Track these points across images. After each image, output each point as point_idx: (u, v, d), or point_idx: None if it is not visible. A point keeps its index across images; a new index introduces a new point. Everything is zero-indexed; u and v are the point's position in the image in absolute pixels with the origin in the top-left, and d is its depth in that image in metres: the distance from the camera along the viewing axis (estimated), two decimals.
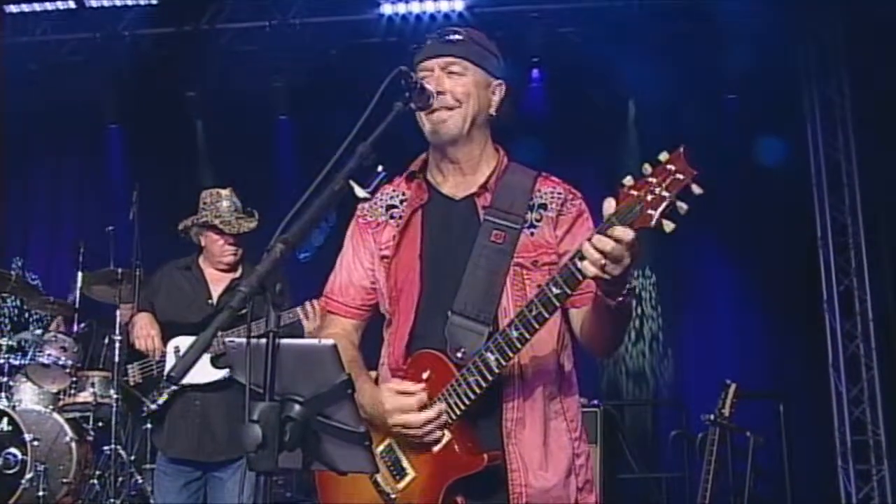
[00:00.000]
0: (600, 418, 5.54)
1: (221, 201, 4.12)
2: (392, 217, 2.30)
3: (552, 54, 7.31)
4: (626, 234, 1.83)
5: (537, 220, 2.21)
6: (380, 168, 2.00)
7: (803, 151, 7.22)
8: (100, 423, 5.53)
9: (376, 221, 2.33)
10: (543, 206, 2.22)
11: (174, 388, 3.93)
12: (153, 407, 3.97)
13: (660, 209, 1.81)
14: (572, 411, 2.23)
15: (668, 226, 1.82)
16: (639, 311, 7.44)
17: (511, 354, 2.02)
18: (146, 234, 5.23)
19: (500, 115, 2.30)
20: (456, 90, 2.18)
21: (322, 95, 7.35)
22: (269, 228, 1.75)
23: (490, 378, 2.04)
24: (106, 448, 5.20)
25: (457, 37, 2.23)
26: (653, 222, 1.81)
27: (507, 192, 2.22)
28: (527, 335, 2.00)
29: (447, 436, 2.09)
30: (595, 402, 5.77)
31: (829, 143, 7.17)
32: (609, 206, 1.88)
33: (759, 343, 7.16)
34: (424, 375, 2.12)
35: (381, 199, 2.33)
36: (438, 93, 2.16)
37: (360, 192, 1.93)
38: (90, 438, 5.51)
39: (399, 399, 2.10)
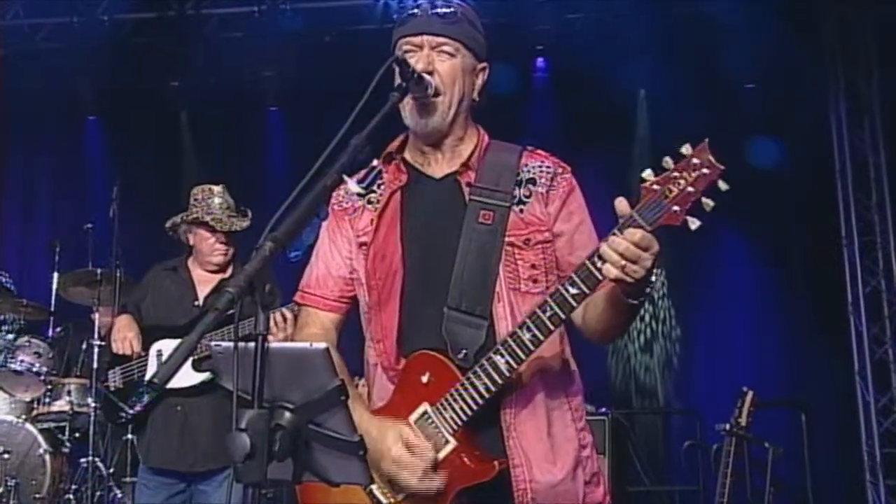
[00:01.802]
0: (609, 427, 5.55)
1: (213, 198, 4.15)
2: (370, 202, 2.27)
3: (558, 42, 7.32)
4: (645, 238, 1.84)
5: (526, 196, 2.19)
6: (375, 162, 2.03)
7: (827, 143, 7.21)
8: (76, 434, 5.54)
9: (353, 207, 2.30)
10: (532, 182, 2.20)
11: (154, 392, 3.96)
12: (132, 412, 4.00)
13: (686, 205, 1.81)
14: (577, 400, 2.23)
15: (694, 223, 1.82)
16: (650, 312, 7.45)
17: (524, 357, 2.01)
18: (127, 232, 5.25)
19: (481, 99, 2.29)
20: (444, 75, 2.16)
21: (314, 85, 7.37)
22: (259, 226, 1.76)
23: (501, 382, 2.02)
24: (83, 460, 5.20)
25: (450, 11, 2.18)
26: (679, 219, 1.82)
27: (492, 168, 2.21)
28: (541, 337, 1.99)
29: (452, 443, 2.07)
30: (603, 410, 5.78)
31: (855, 134, 7.15)
32: (622, 206, 1.88)
33: (778, 348, 7.16)
34: (424, 379, 2.10)
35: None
36: (427, 73, 2.12)
37: (354, 188, 1.95)
38: (66, 450, 5.51)
39: (405, 454, 2.05)
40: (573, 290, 1.96)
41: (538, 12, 7.16)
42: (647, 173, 1.86)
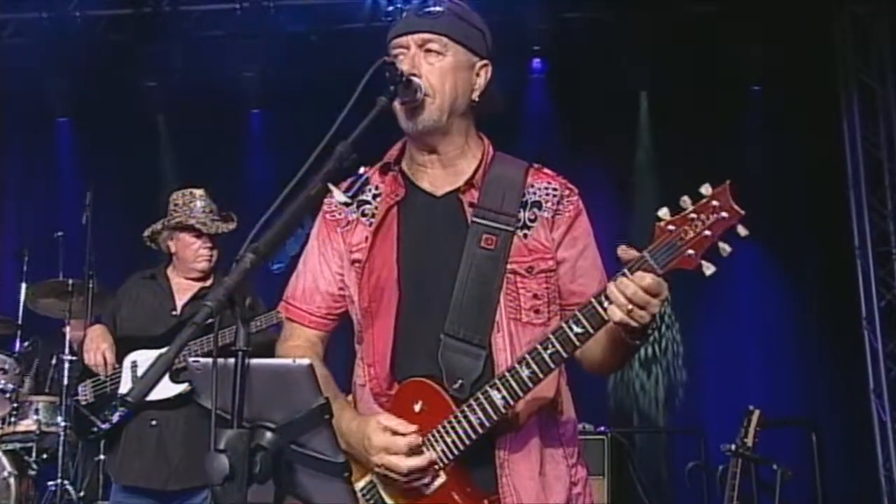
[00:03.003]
0: (608, 447, 5.57)
1: (195, 201, 4.18)
2: (364, 214, 2.25)
3: (555, 42, 7.36)
4: (655, 283, 1.86)
5: (531, 221, 2.18)
6: (361, 170, 2.04)
7: (838, 147, 7.24)
8: (44, 455, 5.51)
9: (346, 219, 2.27)
10: (538, 205, 2.19)
11: (128, 408, 3.97)
12: (104, 427, 4.00)
13: (702, 250, 1.83)
14: (569, 433, 2.23)
15: (709, 268, 1.84)
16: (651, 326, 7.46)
17: (521, 394, 2.02)
18: (100, 240, 5.24)
19: (486, 102, 2.26)
20: (431, 75, 2.13)
21: (299, 87, 7.38)
22: (241, 234, 1.77)
23: (496, 418, 2.03)
24: (51, 483, 5.18)
25: (436, 9, 2.18)
26: (694, 264, 1.83)
27: (496, 187, 2.19)
28: (540, 375, 2.00)
29: (442, 477, 2.08)
30: (602, 428, 5.79)
31: (869, 137, 7.16)
32: (627, 254, 1.90)
33: (787, 364, 7.18)
34: (416, 407, 2.10)
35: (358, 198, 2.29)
36: (412, 75, 2.10)
37: (339, 197, 1.96)
38: (33, 473, 5.48)
39: (387, 438, 2.05)
40: (577, 329, 1.97)
41: (534, 11, 7.20)
42: (664, 212, 1.87)
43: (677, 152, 7.22)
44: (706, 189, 1.86)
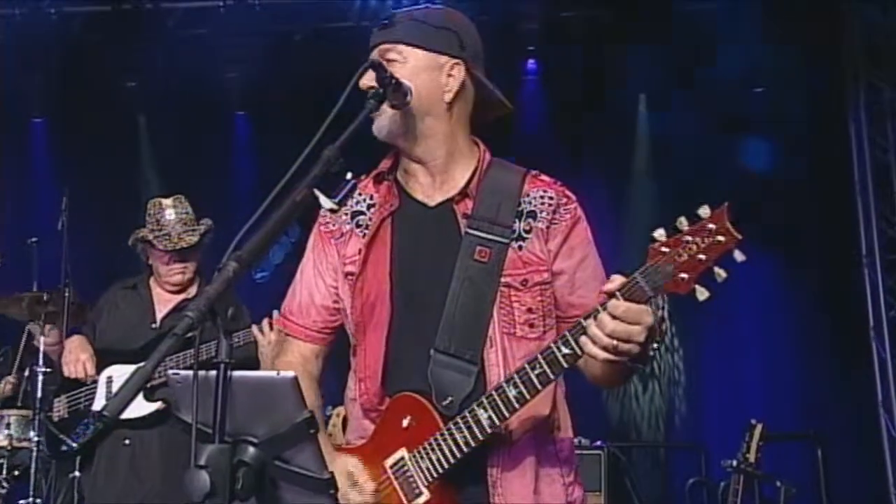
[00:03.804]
0: (605, 462, 5.58)
1: (164, 212, 4.18)
2: (358, 226, 2.29)
3: (550, 43, 7.38)
4: (631, 311, 1.87)
5: (526, 232, 2.20)
6: (349, 175, 2.04)
7: (845, 152, 7.27)
8: (15, 472, 5.48)
9: (340, 230, 2.32)
10: (532, 215, 2.21)
11: (102, 425, 3.96)
12: (75, 445, 4.00)
13: (695, 274, 1.84)
14: (566, 451, 2.25)
15: (703, 294, 1.85)
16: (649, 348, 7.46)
17: (507, 414, 2.04)
18: (77, 248, 5.23)
19: (486, 106, 2.28)
20: None
21: (284, 88, 7.40)
22: (224, 241, 1.78)
23: (481, 437, 2.05)
24: (22, 502, 5.16)
25: (393, 18, 2.21)
26: (686, 288, 1.85)
27: (492, 196, 2.21)
28: (527, 395, 2.02)
29: (425, 495, 2.10)
30: (598, 443, 5.80)
31: (876, 140, 7.18)
32: (612, 283, 1.91)
33: (792, 376, 7.20)
34: (404, 423, 2.14)
35: (346, 205, 2.31)
36: (371, 87, 2.11)
37: (326, 203, 1.96)
38: (3, 491, 5.45)
39: (345, 484, 2.10)
40: (565, 350, 1.99)
41: (528, 10, 7.22)
42: (659, 233, 1.88)
43: (678, 157, 7.25)
44: (704, 211, 1.87)
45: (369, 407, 2.22)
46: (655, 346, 2.00)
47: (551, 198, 2.23)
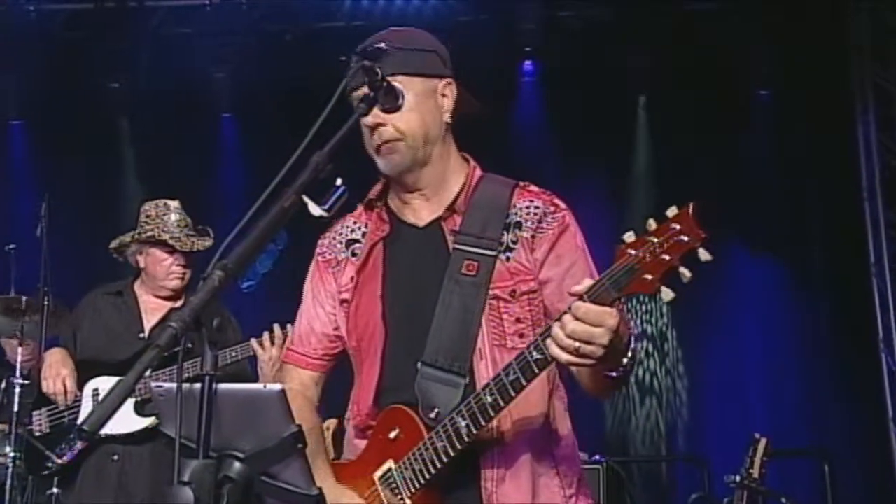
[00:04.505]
0: (603, 477, 5.58)
1: (169, 214, 4.18)
2: (354, 254, 2.39)
3: (548, 43, 7.40)
4: (591, 312, 1.91)
5: (513, 243, 2.26)
6: (339, 181, 2.05)
7: (852, 155, 7.28)
8: None
9: (336, 259, 2.41)
10: (518, 225, 2.27)
11: (85, 440, 3.94)
12: (60, 462, 3.97)
13: (659, 274, 1.88)
14: (566, 464, 2.29)
15: (667, 294, 1.90)
16: (651, 344, 7.48)
17: (483, 422, 2.09)
18: (57, 254, 5.22)
19: (461, 113, 2.33)
20: (396, 120, 2.22)
21: (273, 90, 7.41)
22: (210, 249, 1.78)
23: (460, 446, 2.11)
24: None
25: (376, 47, 2.21)
26: (651, 288, 1.89)
27: (479, 211, 2.28)
28: (501, 402, 2.07)
29: None
30: (597, 457, 5.80)
31: (886, 144, 7.18)
32: (582, 286, 1.95)
33: (797, 389, 7.21)
34: (392, 434, 2.22)
35: (341, 234, 2.43)
36: (378, 124, 2.20)
37: (314, 210, 1.97)
38: None
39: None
40: (537, 355, 2.02)
41: (525, 9, 7.21)
42: (628, 235, 1.93)
43: (678, 160, 7.27)
44: (671, 211, 1.92)
45: (362, 426, 2.31)
46: (629, 356, 2.04)
47: (537, 207, 2.29)
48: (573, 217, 2.32)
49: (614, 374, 2.06)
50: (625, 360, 2.03)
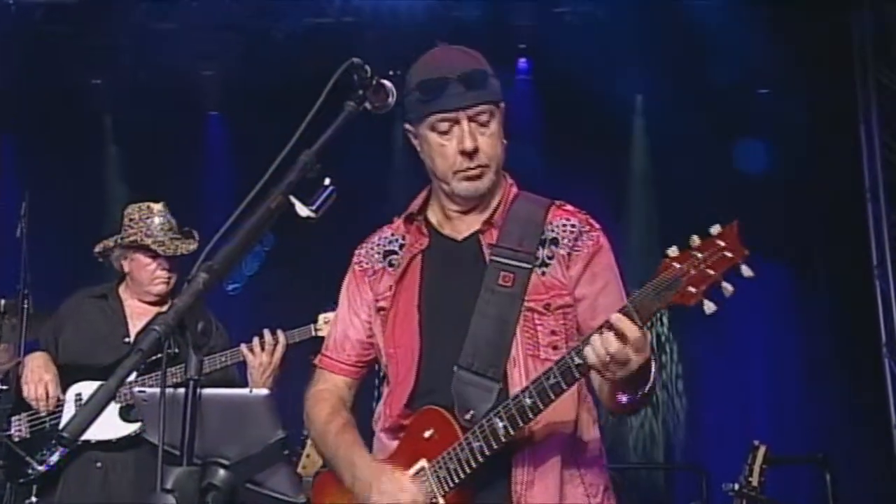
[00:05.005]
0: None
1: (153, 217, 4.16)
2: (391, 264, 2.55)
3: (543, 40, 7.40)
4: (631, 330, 2.05)
5: (549, 258, 2.42)
6: (327, 181, 2.05)
7: (855, 155, 7.29)
8: None
9: (373, 269, 2.58)
10: (555, 242, 2.43)
11: (67, 447, 3.93)
12: (41, 469, 3.96)
13: (703, 287, 2.04)
14: (592, 473, 2.44)
15: (710, 307, 2.04)
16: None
17: (522, 424, 2.23)
18: (38, 255, 5.22)
19: None
20: (487, 145, 2.41)
21: (261, 88, 7.39)
22: (196, 251, 1.79)
23: (496, 446, 2.24)
24: None
25: (476, 69, 2.40)
26: (694, 301, 2.04)
27: (516, 226, 2.45)
28: (541, 405, 2.20)
29: (441, 503, 2.29)
30: None
31: (889, 145, 7.18)
32: (618, 319, 2.07)
33: (798, 394, 7.21)
34: (427, 434, 2.36)
35: (378, 244, 2.61)
36: (473, 151, 2.39)
37: (302, 211, 1.97)
38: None
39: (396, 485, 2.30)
40: (577, 361, 2.16)
41: (519, 6, 7.22)
42: (672, 250, 2.08)
43: (676, 161, 7.29)
44: (715, 229, 2.08)
45: (394, 427, 2.46)
46: (646, 389, 2.21)
47: (573, 225, 2.46)
48: (606, 238, 2.49)
49: (625, 398, 2.23)
50: (639, 392, 2.20)
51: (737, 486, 4.94)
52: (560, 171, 6.97)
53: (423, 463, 2.34)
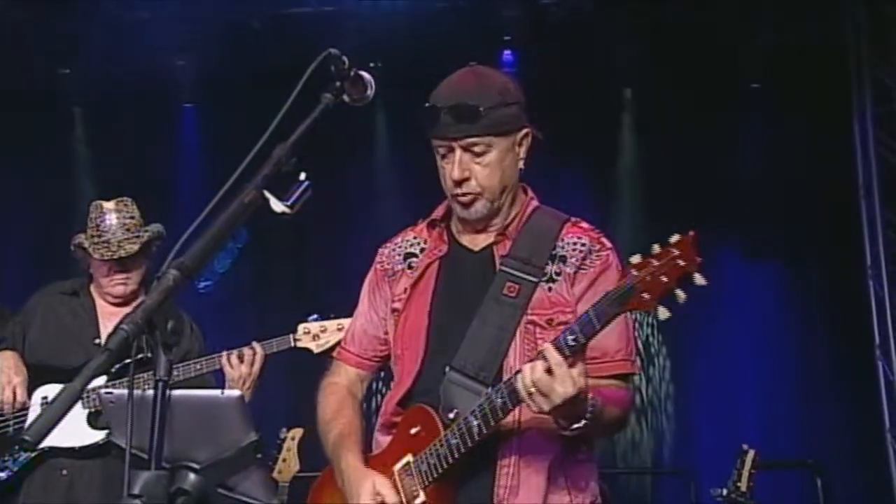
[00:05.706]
0: None
1: (105, 216, 4.11)
2: (410, 267, 2.70)
3: (528, 32, 7.40)
4: (557, 362, 2.18)
5: (557, 274, 2.54)
6: (302, 175, 2.05)
7: (848, 153, 7.31)
8: None
9: (393, 269, 2.74)
10: (563, 259, 2.55)
11: (29, 452, 3.89)
12: (2, 475, 3.92)
13: (657, 294, 2.18)
14: (581, 482, 2.54)
15: (663, 313, 2.19)
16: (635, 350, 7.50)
17: (493, 423, 2.35)
18: (4, 254, 5.21)
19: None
20: (480, 177, 2.51)
21: (237, 79, 7.38)
22: (168, 248, 1.78)
23: (471, 444, 2.38)
24: None
25: (471, 104, 2.47)
26: (648, 307, 2.18)
27: (529, 240, 2.58)
28: (510, 405, 2.33)
29: (421, 497, 2.47)
30: None
31: (884, 141, 7.18)
32: (547, 349, 2.22)
33: (788, 398, 7.27)
34: (413, 431, 2.52)
35: (401, 246, 2.75)
36: (464, 180, 2.50)
37: (276, 206, 1.97)
38: None
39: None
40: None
41: None
42: (635, 258, 2.21)
43: (665, 156, 7.31)
44: (674, 238, 2.21)
45: (388, 424, 2.63)
46: (581, 423, 2.28)
47: (584, 244, 2.57)
48: (616, 257, 2.57)
49: (566, 430, 2.31)
50: (574, 426, 2.28)
51: (725, 492, 4.96)
52: (545, 165, 6.97)
53: (409, 457, 2.51)
